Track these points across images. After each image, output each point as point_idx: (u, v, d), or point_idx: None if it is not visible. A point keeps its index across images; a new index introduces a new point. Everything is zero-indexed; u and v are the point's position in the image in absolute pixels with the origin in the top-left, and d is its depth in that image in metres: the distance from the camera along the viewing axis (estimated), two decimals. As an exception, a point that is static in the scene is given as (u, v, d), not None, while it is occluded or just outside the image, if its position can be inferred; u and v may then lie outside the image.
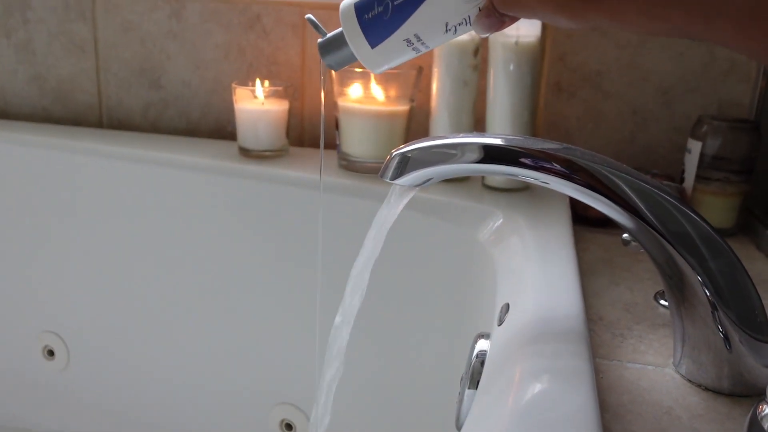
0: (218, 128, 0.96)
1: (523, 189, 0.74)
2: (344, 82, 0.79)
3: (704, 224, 0.40)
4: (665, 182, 0.72)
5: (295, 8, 0.89)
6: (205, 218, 0.86)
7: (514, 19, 0.36)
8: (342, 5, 0.40)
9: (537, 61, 0.72)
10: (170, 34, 0.94)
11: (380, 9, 0.39)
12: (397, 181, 0.44)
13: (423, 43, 0.38)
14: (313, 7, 0.88)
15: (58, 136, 0.94)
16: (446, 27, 0.37)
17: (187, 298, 0.88)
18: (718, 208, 0.70)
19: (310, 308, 0.79)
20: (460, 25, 0.37)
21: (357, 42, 0.40)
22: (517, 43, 0.71)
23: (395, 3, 0.38)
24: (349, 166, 0.80)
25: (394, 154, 0.43)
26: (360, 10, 0.39)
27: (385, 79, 0.77)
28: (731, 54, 0.77)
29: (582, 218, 0.72)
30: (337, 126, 0.81)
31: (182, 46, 0.94)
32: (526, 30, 0.71)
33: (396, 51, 0.39)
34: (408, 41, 0.38)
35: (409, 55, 0.40)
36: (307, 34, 0.90)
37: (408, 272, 0.75)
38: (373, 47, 0.40)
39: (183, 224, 0.88)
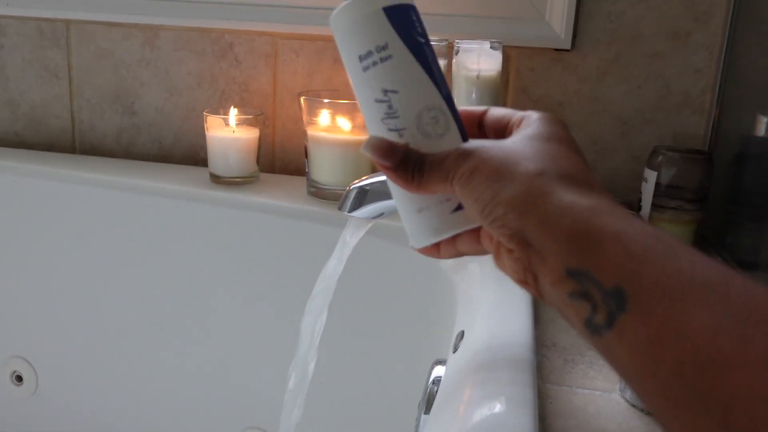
0: (191, 154, 0.98)
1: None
2: (313, 111, 0.81)
3: None
4: (623, 210, 0.74)
5: (268, 38, 0.91)
6: (176, 244, 0.87)
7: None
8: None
9: (498, 94, 0.75)
10: (143, 62, 0.96)
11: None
12: (354, 214, 0.45)
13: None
14: (285, 37, 0.90)
15: (30, 162, 0.95)
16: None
17: (158, 324, 0.89)
18: (673, 235, 0.73)
19: (279, 334, 0.80)
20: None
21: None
22: (478, 76, 0.73)
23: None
24: (318, 193, 0.82)
25: (352, 187, 0.45)
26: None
27: (351, 109, 0.80)
28: (686, 87, 0.80)
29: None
30: (306, 154, 0.83)
31: (155, 73, 0.96)
32: (486, 64, 0.74)
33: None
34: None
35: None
36: (278, 63, 0.92)
37: (371, 298, 0.76)
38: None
39: (154, 250, 0.88)
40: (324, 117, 0.81)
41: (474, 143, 0.34)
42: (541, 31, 0.82)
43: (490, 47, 0.75)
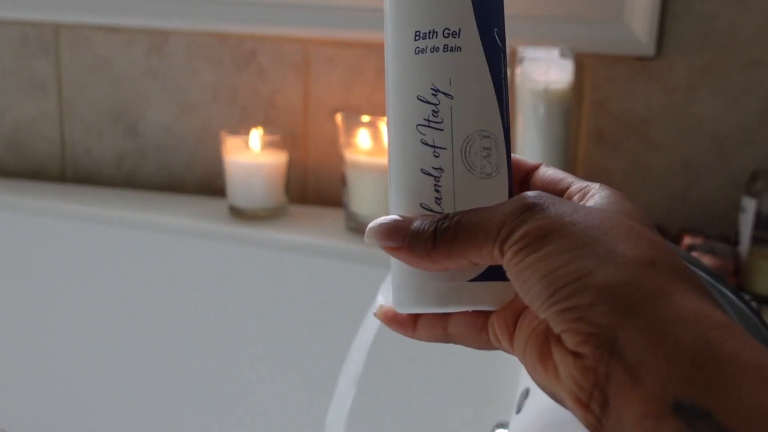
0: (206, 182, 1.17)
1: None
2: (351, 131, 0.99)
3: (736, 298, 0.56)
4: (718, 245, 0.91)
5: (297, 44, 1.10)
6: (189, 290, 1.03)
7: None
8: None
9: (570, 109, 0.92)
10: (150, 73, 1.16)
11: None
12: None
13: None
14: (318, 43, 1.09)
15: (11, 193, 1.12)
16: None
17: (167, 385, 1.06)
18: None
19: (314, 397, 0.96)
20: None
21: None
22: (546, 89, 0.91)
23: None
24: (358, 228, 0.99)
25: None
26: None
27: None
28: (791, 100, 0.97)
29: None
30: (343, 181, 1.00)
31: (164, 86, 1.16)
32: (556, 75, 0.91)
33: None
34: None
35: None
36: (311, 74, 1.11)
37: (422, 354, 0.91)
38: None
39: (163, 297, 1.04)
40: (365, 138, 0.99)
41: (543, 195, 0.35)
42: (620, 35, 0.99)
43: (560, 55, 0.92)
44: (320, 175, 1.13)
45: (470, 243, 0.35)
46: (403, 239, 0.37)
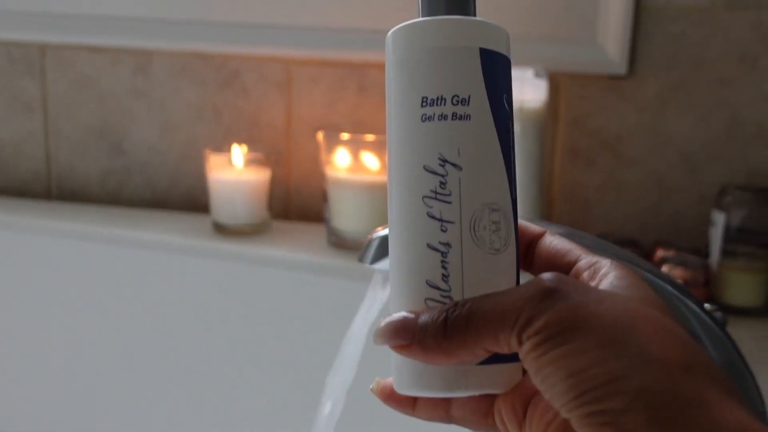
0: (190, 199, 1.19)
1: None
2: (333, 149, 1.02)
3: (700, 311, 0.59)
4: (690, 257, 0.94)
5: (279, 64, 1.13)
6: (173, 306, 1.05)
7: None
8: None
9: (544, 127, 0.95)
10: (134, 92, 1.18)
11: None
12: (377, 266, 0.56)
13: None
14: (300, 63, 1.12)
15: None
16: None
17: (151, 400, 1.08)
18: (745, 285, 0.92)
19: (297, 409, 0.98)
20: None
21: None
22: (521, 108, 0.94)
23: None
24: (340, 243, 1.02)
25: (374, 236, 0.57)
26: None
27: (379, 146, 1.00)
28: (757, 117, 1.00)
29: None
30: (325, 198, 1.03)
31: (148, 105, 1.18)
32: (530, 94, 0.94)
33: None
34: None
35: None
36: (293, 92, 1.13)
37: None
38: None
39: (147, 313, 1.06)
40: (346, 155, 1.02)
41: (562, 279, 0.33)
42: (593, 55, 1.02)
43: (535, 75, 0.96)
44: (302, 192, 1.16)
45: (485, 331, 0.33)
46: (412, 336, 0.35)
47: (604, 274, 0.36)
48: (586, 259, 0.38)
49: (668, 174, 1.04)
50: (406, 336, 0.35)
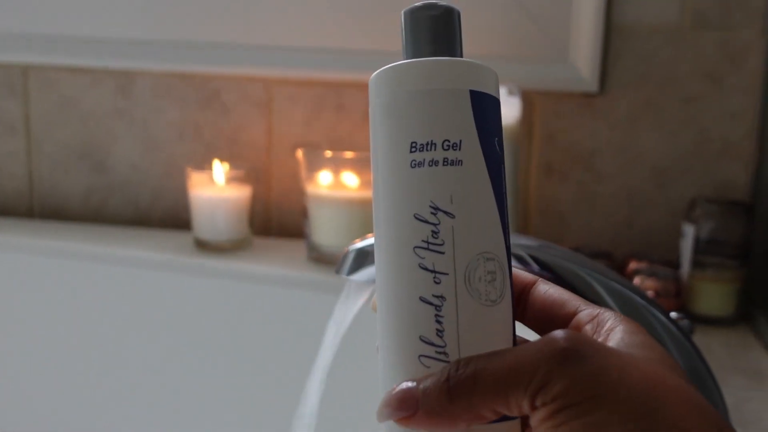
0: (172, 216, 1.21)
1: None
2: (312, 166, 1.04)
3: (667, 320, 0.61)
4: (661, 269, 0.97)
5: (260, 84, 1.16)
6: (156, 322, 1.07)
7: None
8: None
9: (519, 145, 0.98)
10: (116, 112, 1.20)
11: None
12: (353, 277, 0.59)
13: None
14: (278, 82, 1.14)
15: None
16: None
17: (136, 415, 1.09)
18: (715, 295, 0.95)
19: (275, 419, 0.99)
20: None
21: None
22: (496, 125, 0.97)
23: None
24: (320, 258, 1.04)
25: (350, 249, 0.60)
26: None
27: (358, 163, 1.02)
28: (724, 133, 1.03)
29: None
30: (305, 214, 1.05)
31: (130, 124, 1.20)
32: (504, 112, 0.97)
33: None
34: None
35: None
36: (273, 111, 1.16)
37: None
38: None
39: (130, 329, 1.08)
40: (326, 172, 1.04)
41: (578, 339, 0.31)
42: (566, 73, 1.06)
43: (508, 93, 0.98)
44: (283, 208, 1.18)
45: (495, 393, 0.31)
46: (416, 404, 0.32)
47: (611, 328, 0.34)
48: (586, 311, 0.36)
49: (639, 188, 1.07)
50: (409, 406, 0.33)
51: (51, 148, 1.23)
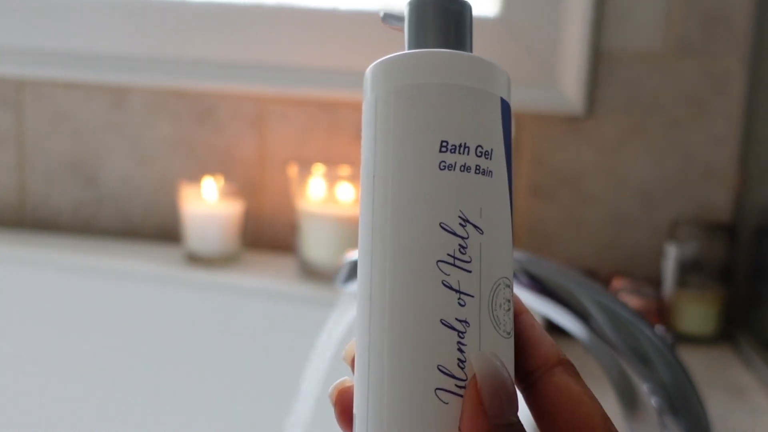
0: (163, 230, 1.23)
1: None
2: (303, 182, 1.07)
3: (654, 338, 0.64)
4: (644, 287, 1.00)
5: (253, 101, 1.19)
6: (147, 335, 1.08)
7: None
8: None
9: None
10: (110, 126, 1.23)
11: None
12: (349, 288, 0.60)
13: None
14: (271, 100, 1.17)
15: None
16: None
17: (124, 426, 1.10)
18: (697, 314, 0.98)
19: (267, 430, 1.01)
20: None
21: None
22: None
23: None
24: (311, 272, 1.06)
25: (346, 259, 0.61)
26: None
27: (348, 179, 1.05)
28: (707, 157, 1.07)
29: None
30: (296, 229, 1.07)
31: (123, 138, 1.22)
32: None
33: None
34: None
35: None
36: (266, 128, 1.19)
37: None
38: None
39: (120, 342, 1.09)
40: (317, 188, 1.07)
41: None
42: (554, 98, 1.09)
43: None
44: (274, 223, 1.21)
45: None
46: None
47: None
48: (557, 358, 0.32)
49: (625, 210, 1.11)
50: None
51: (43, 161, 1.25)
